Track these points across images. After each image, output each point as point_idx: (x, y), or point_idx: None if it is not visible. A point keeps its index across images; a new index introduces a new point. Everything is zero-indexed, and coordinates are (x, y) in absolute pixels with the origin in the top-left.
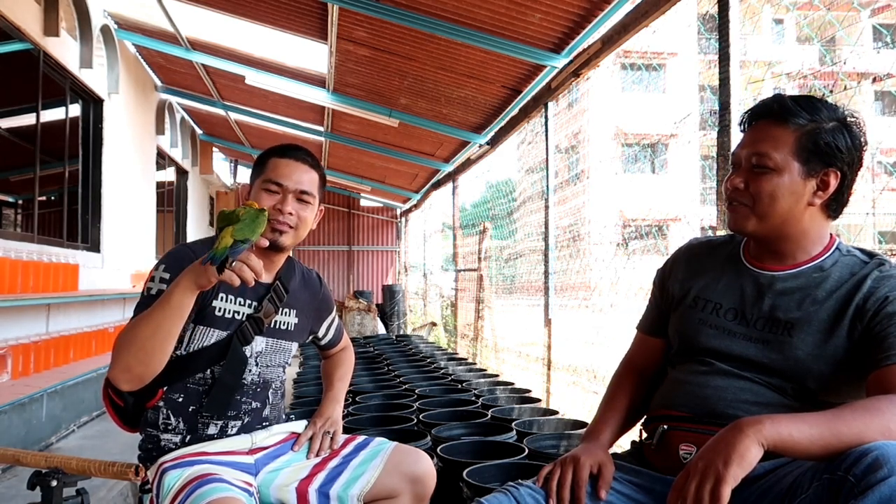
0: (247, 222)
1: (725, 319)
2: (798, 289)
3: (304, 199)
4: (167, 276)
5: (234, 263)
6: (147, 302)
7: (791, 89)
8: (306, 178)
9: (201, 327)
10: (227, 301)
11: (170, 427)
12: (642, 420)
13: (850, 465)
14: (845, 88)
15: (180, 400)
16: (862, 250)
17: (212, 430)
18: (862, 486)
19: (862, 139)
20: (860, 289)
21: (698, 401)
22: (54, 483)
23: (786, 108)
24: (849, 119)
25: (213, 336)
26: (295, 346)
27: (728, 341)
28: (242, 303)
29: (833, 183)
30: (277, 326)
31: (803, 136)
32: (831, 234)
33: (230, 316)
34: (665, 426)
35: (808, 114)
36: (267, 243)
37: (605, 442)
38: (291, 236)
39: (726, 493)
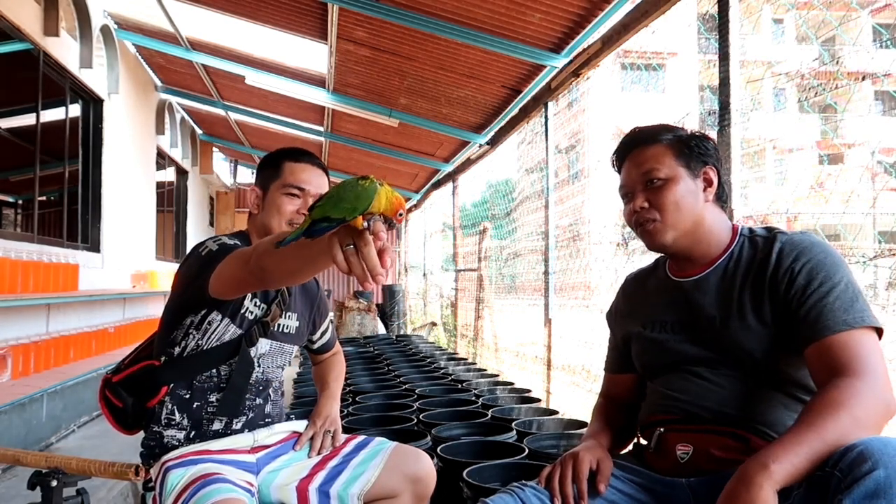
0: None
1: (673, 333)
2: (718, 282)
3: None
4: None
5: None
6: (220, 254)
7: (790, 88)
8: (323, 183)
9: (227, 320)
10: (249, 300)
11: (174, 423)
12: (639, 428)
13: (837, 461)
14: (837, 87)
15: (187, 396)
16: (762, 227)
17: (216, 425)
18: (848, 480)
19: (713, 141)
20: (768, 264)
21: (683, 405)
22: (54, 483)
23: (649, 131)
24: (698, 131)
25: (230, 332)
26: (295, 349)
27: (684, 349)
28: (258, 304)
29: (713, 177)
30: (280, 330)
31: (675, 145)
32: (733, 224)
33: (247, 315)
34: (661, 429)
35: (668, 131)
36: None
37: (604, 444)
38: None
39: None
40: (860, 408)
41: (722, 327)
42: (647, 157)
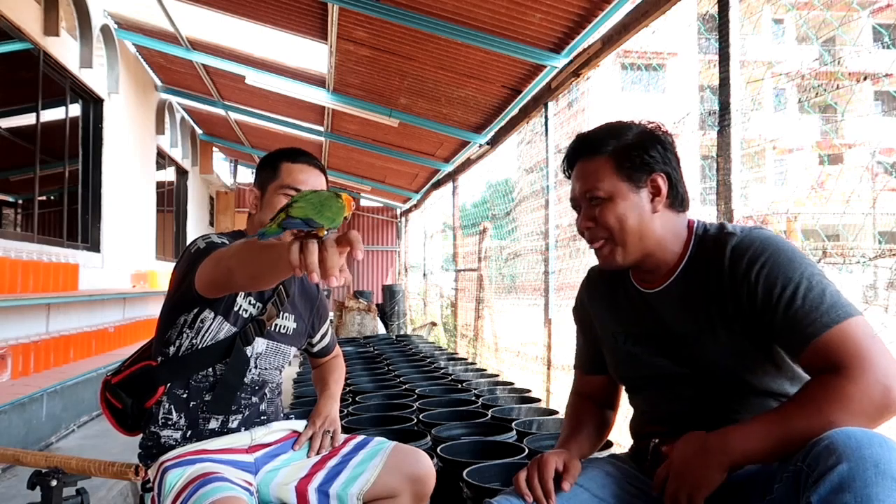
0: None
1: (646, 346)
2: (681, 295)
3: None
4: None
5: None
6: (206, 252)
7: (790, 88)
8: (319, 183)
9: (220, 318)
10: (242, 297)
11: (170, 422)
12: (634, 437)
13: (806, 455)
14: (837, 88)
15: (184, 396)
16: (714, 226)
17: (213, 424)
18: (815, 475)
19: (668, 139)
20: (723, 273)
21: (668, 420)
22: (54, 483)
23: (589, 141)
24: (650, 127)
25: (224, 330)
26: (293, 350)
27: (658, 363)
28: (252, 303)
29: (662, 185)
30: (277, 330)
31: (616, 157)
32: (690, 222)
33: (242, 313)
34: (655, 440)
35: (612, 137)
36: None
37: (574, 451)
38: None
39: None
40: (839, 411)
41: (695, 344)
42: (588, 171)
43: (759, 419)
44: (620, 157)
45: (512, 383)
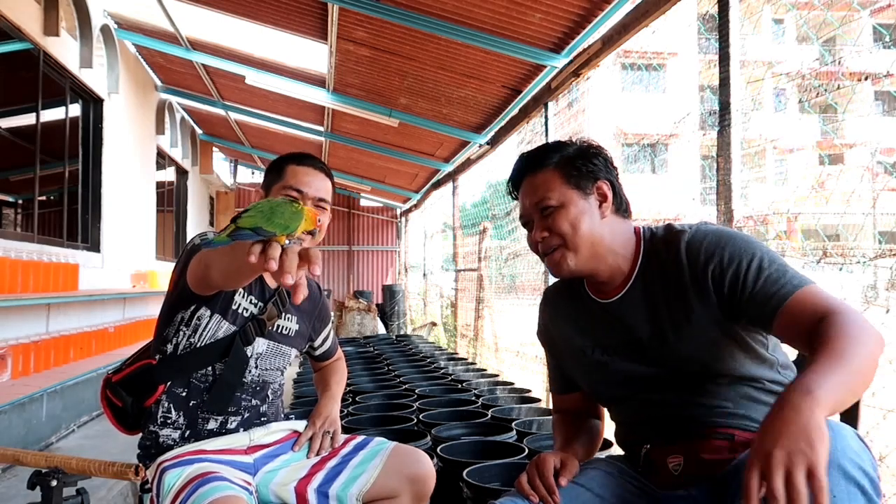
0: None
1: (613, 357)
2: (641, 299)
3: (321, 206)
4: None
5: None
6: (199, 248)
7: (791, 88)
8: (323, 186)
9: (217, 316)
10: (242, 296)
11: (169, 421)
12: (622, 447)
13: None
14: (838, 88)
15: (183, 395)
16: (661, 227)
17: (211, 424)
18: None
19: (604, 152)
20: (681, 269)
21: (651, 424)
22: (54, 483)
23: (535, 156)
24: (585, 143)
25: (223, 328)
26: (294, 352)
27: (629, 370)
28: (253, 302)
29: (608, 191)
30: (279, 330)
31: (562, 168)
32: (635, 228)
33: (242, 312)
34: (647, 446)
35: (555, 152)
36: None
37: (569, 453)
38: (309, 242)
39: (825, 476)
40: (865, 334)
41: (662, 345)
42: (537, 185)
43: (818, 369)
44: (566, 166)
45: (512, 383)
